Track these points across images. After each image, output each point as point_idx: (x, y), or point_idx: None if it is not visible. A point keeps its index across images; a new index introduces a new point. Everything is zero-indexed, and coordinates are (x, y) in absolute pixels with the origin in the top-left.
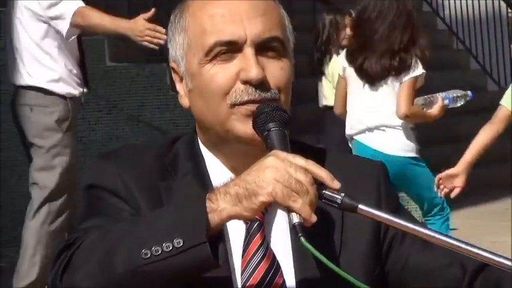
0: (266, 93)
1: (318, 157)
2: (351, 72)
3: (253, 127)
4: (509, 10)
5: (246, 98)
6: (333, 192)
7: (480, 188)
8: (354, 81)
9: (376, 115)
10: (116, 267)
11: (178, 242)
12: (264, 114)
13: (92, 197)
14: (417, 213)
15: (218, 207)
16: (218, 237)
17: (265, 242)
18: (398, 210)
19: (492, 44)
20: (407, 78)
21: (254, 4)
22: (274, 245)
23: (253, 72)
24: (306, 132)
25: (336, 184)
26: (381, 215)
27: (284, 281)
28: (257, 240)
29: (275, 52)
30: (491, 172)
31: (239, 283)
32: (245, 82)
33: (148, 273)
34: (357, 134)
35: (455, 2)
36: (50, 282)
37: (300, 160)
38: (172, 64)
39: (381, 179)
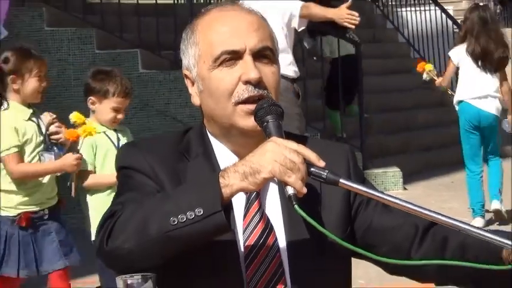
0: (262, 90)
1: (303, 141)
2: None
3: (255, 119)
4: (455, 26)
5: (246, 95)
6: (319, 170)
7: (432, 166)
8: None
9: None
10: (151, 232)
11: (199, 211)
12: (263, 109)
13: (124, 175)
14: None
15: (229, 182)
16: (229, 206)
17: (261, 209)
18: (364, 182)
19: (441, 52)
20: None
21: (250, 22)
22: (268, 211)
23: (252, 74)
24: None
25: (322, 163)
26: (356, 186)
27: (276, 239)
28: (255, 206)
29: (267, 59)
30: (440, 154)
31: (241, 241)
32: (246, 82)
33: (175, 236)
34: None
35: (412, 21)
36: (97, 246)
37: (293, 144)
38: (185, 71)
39: (350, 158)
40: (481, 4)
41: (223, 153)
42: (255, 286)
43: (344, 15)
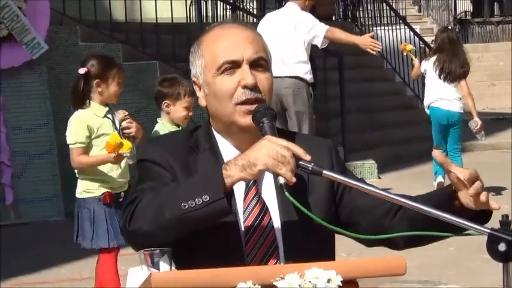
0: (258, 93)
1: (293, 138)
2: None
3: (252, 120)
4: (421, 42)
5: (244, 98)
6: (305, 162)
7: (402, 159)
8: None
9: None
10: (165, 215)
11: (206, 198)
12: (260, 112)
13: (144, 167)
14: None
15: (230, 173)
16: (231, 193)
17: (258, 193)
18: (345, 171)
19: (409, 63)
20: None
21: (246, 36)
22: (264, 196)
23: (249, 80)
24: None
25: (308, 157)
26: (337, 176)
27: (271, 219)
28: (252, 192)
29: (262, 67)
30: (409, 149)
31: (241, 221)
32: (244, 87)
33: (186, 219)
34: None
35: (385, 38)
36: (121, 226)
37: (283, 141)
38: (193, 79)
39: (333, 150)
40: (449, 27)
41: (226, 148)
42: (252, 258)
43: (368, 42)
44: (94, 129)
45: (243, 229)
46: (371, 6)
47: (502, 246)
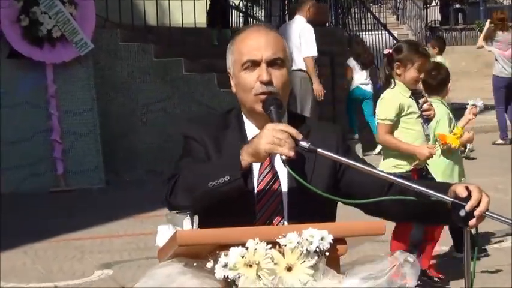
0: (272, 88)
1: (302, 121)
2: None
3: (262, 108)
4: None
5: (261, 90)
6: (303, 142)
7: None
8: None
9: None
10: (196, 191)
11: (227, 178)
12: (268, 101)
13: (185, 142)
14: None
15: (244, 158)
16: (248, 172)
17: (271, 163)
18: (349, 151)
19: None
20: None
21: (267, 38)
22: (276, 165)
23: (265, 77)
24: None
25: (300, 136)
26: (331, 155)
27: (280, 185)
28: (266, 162)
29: (278, 66)
30: None
31: (255, 185)
32: (261, 82)
33: (212, 193)
34: None
35: (369, 41)
36: (164, 198)
37: (281, 125)
38: (228, 70)
39: (338, 134)
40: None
41: (250, 127)
42: (261, 216)
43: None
44: (405, 108)
45: (256, 192)
46: (358, 15)
47: (462, 212)
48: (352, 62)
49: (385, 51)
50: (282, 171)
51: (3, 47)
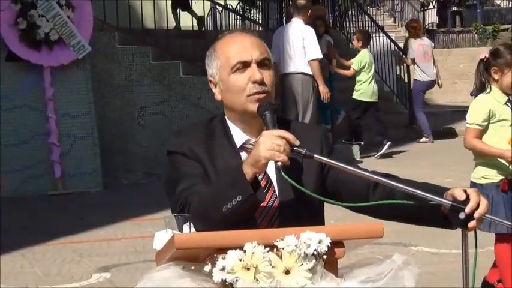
0: (265, 87)
1: (288, 125)
2: None
3: (257, 112)
4: (396, 47)
5: (254, 90)
6: (299, 148)
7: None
8: None
9: None
10: (212, 218)
11: (239, 197)
12: (263, 106)
13: (172, 160)
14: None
15: (247, 171)
16: (256, 185)
17: (264, 169)
18: (331, 152)
19: (386, 64)
20: None
21: (252, 41)
22: (269, 172)
23: (258, 76)
24: None
25: (297, 142)
26: (326, 160)
27: (275, 190)
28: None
29: (266, 66)
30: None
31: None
32: (253, 82)
33: (227, 215)
34: None
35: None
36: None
37: (278, 131)
38: (210, 78)
39: (323, 136)
40: None
41: (236, 132)
42: (261, 222)
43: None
44: (496, 114)
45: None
46: (355, 18)
47: (462, 215)
48: None
49: (481, 56)
50: (273, 175)
51: (1, 50)
